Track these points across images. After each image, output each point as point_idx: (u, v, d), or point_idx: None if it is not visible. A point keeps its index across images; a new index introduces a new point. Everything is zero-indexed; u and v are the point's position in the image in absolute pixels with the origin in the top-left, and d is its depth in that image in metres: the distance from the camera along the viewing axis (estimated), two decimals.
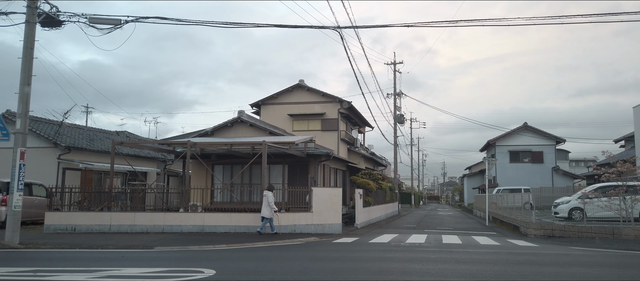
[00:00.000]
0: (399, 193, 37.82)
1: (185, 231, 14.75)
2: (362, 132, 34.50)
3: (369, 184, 22.71)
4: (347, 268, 7.90)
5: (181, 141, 18.23)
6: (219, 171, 20.41)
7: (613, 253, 10.92)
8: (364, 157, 30.52)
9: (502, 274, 7.37)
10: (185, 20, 12.80)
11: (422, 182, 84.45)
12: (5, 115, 18.49)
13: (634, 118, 24.21)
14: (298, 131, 25.71)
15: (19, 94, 11.64)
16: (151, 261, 8.66)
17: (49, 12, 12.20)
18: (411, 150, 60.48)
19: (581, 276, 7.38)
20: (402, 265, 8.34)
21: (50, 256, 9.60)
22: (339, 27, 15.23)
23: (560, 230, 15.22)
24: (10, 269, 7.35)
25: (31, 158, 14.60)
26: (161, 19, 12.73)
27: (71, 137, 20.76)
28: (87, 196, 16.70)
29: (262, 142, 15.56)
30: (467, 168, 58.51)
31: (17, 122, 11.56)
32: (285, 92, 27.15)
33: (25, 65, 11.64)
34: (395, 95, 36.66)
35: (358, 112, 29.04)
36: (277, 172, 19.76)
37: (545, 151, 36.62)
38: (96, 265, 8.00)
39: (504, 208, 22.01)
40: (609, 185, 15.88)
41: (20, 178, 11.31)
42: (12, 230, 11.19)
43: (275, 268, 8.14)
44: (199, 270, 7.32)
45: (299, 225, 15.29)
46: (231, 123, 21.44)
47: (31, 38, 11.75)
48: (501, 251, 11.08)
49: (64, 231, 14.77)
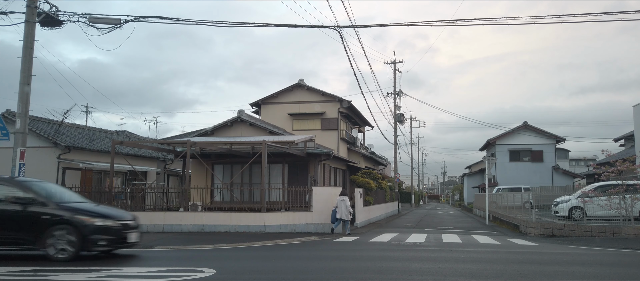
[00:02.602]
0: (398, 192, 37.82)
1: (185, 231, 14.75)
2: (362, 131, 34.50)
3: (369, 183, 22.71)
4: (347, 268, 7.90)
5: (181, 140, 18.24)
6: (219, 170, 20.41)
7: (613, 252, 10.92)
8: (363, 156, 30.52)
9: (502, 273, 7.38)
10: (185, 20, 12.81)
11: (422, 181, 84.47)
12: (5, 115, 18.46)
13: (633, 117, 24.19)
14: (298, 130, 25.70)
15: (18, 94, 11.63)
16: (151, 261, 8.66)
17: (49, 12, 12.19)
18: (411, 149, 60.49)
19: (581, 276, 7.38)
20: (402, 264, 8.34)
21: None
22: (338, 26, 15.24)
23: (560, 229, 15.23)
24: (10, 269, 7.35)
25: (31, 157, 14.58)
26: (161, 19, 12.73)
27: (71, 137, 20.75)
28: (87, 195, 16.68)
29: (262, 142, 15.56)
30: (467, 167, 58.51)
31: (17, 121, 11.56)
32: (285, 92, 27.15)
33: (25, 64, 11.64)
34: (395, 95, 36.65)
35: (358, 111, 29.03)
36: (277, 172, 19.76)
37: (545, 150, 36.63)
38: (96, 264, 8.00)
39: (504, 207, 22.02)
40: (609, 184, 15.89)
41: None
42: None
43: (275, 268, 8.14)
44: (199, 269, 7.32)
45: (299, 224, 15.29)
46: (231, 122, 21.44)
47: (31, 37, 11.74)
48: (501, 250, 11.09)
49: None
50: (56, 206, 8.60)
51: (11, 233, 8.43)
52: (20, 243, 8.46)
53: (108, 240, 8.60)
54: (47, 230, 8.26)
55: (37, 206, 8.48)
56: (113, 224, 8.77)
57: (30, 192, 8.71)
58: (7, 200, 8.55)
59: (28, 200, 8.51)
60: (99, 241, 8.45)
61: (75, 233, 8.26)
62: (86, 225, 8.39)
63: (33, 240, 8.31)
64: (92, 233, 8.38)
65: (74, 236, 8.24)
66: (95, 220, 8.53)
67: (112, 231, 8.68)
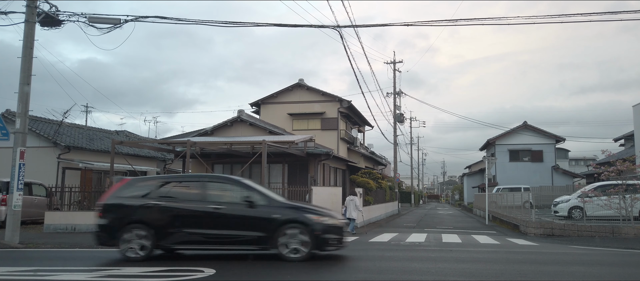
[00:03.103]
0: (398, 192, 37.83)
1: None
2: (362, 131, 34.50)
3: (368, 183, 22.71)
4: (347, 267, 7.89)
5: (181, 140, 18.23)
6: (219, 170, 20.41)
7: (613, 252, 10.91)
8: (363, 156, 30.52)
9: (502, 273, 7.37)
10: (185, 20, 12.80)
11: (422, 181, 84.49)
12: (5, 115, 18.47)
13: (633, 117, 24.21)
14: (298, 130, 25.71)
15: (18, 94, 11.62)
16: (151, 261, 8.65)
17: (49, 12, 12.18)
18: (411, 149, 60.50)
19: (581, 275, 7.38)
20: (402, 264, 8.33)
21: (50, 255, 9.60)
22: (338, 26, 15.23)
23: (560, 228, 15.23)
24: (10, 268, 7.34)
25: (31, 157, 14.58)
26: (161, 19, 12.71)
27: (71, 137, 20.75)
28: (87, 195, 16.70)
29: (261, 141, 15.56)
30: (467, 167, 58.52)
31: (17, 121, 11.55)
32: (285, 91, 27.16)
33: (24, 64, 11.63)
34: (395, 94, 36.66)
35: (358, 111, 29.04)
36: (277, 171, 19.76)
37: (545, 150, 36.65)
38: (96, 264, 8.00)
39: (504, 207, 22.01)
40: (609, 184, 15.89)
41: (20, 177, 11.30)
42: (12, 230, 11.18)
43: (275, 267, 8.13)
44: (199, 269, 7.31)
45: None
46: (231, 122, 21.45)
47: (31, 37, 11.73)
48: (501, 250, 11.08)
49: (64, 230, 14.76)
50: (283, 205, 8.45)
51: (249, 233, 8.22)
52: (256, 243, 8.22)
53: (336, 239, 8.33)
54: (279, 230, 8.03)
55: (265, 206, 8.29)
56: (337, 223, 8.53)
57: (256, 192, 8.53)
58: (242, 202, 8.32)
59: (257, 200, 8.29)
60: (330, 240, 8.19)
61: (308, 232, 8.00)
62: (317, 223, 8.11)
63: (266, 240, 8.08)
64: (324, 232, 8.11)
65: (306, 235, 7.98)
66: (323, 218, 8.26)
67: (337, 230, 8.42)
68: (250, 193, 8.48)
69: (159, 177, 10.74)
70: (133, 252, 8.16)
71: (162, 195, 8.59)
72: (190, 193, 8.78)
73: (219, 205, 8.34)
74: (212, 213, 8.26)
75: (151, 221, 8.29)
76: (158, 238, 8.24)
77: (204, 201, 8.45)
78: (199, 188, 8.76)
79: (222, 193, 8.68)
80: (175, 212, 8.38)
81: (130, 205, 8.50)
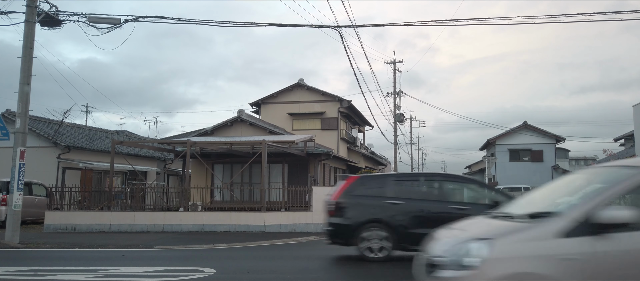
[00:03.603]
0: None
1: (185, 231, 14.74)
2: (362, 130, 34.50)
3: None
4: (347, 267, 7.90)
5: (181, 140, 18.24)
6: (219, 170, 20.41)
7: None
8: (363, 155, 30.54)
9: None
10: (185, 19, 12.80)
11: None
12: (5, 115, 18.47)
13: (633, 117, 24.20)
14: (298, 130, 25.71)
15: (18, 93, 11.62)
16: (151, 261, 8.66)
17: (49, 12, 12.17)
18: (411, 149, 60.37)
19: None
20: (401, 264, 8.33)
21: (50, 255, 9.60)
22: (338, 26, 15.22)
23: None
24: (11, 268, 7.35)
25: (31, 157, 14.57)
26: (161, 18, 12.70)
27: (71, 137, 20.76)
28: (87, 195, 16.70)
29: (261, 141, 15.55)
30: (467, 167, 58.53)
31: (17, 121, 11.55)
32: (285, 91, 27.16)
33: (24, 64, 11.63)
34: (395, 94, 36.59)
35: (358, 111, 29.04)
36: (277, 171, 19.76)
37: (545, 150, 36.65)
38: (96, 264, 8.00)
39: None
40: None
41: (20, 177, 11.30)
42: (12, 230, 11.18)
43: (275, 267, 8.13)
44: (199, 269, 7.31)
45: (299, 224, 15.28)
46: (231, 122, 21.45)
47: (31, 37, 11.73)
48: None
49: (64, 230, 14.76)
50: None
51: None
52: None
53: None
54: None
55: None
56: None
57: (500, 194, 8.28)
58: (490, 204, 7.50)
59: (500, 199, 7.77)
60: None
61: None
62: None
63: None
64: None
65: None
66: None
67: None
68: (496, 196, 8.06)
69: (392, 175, 10.04)
70: (372, 252, 7.90)
71: (400, 194, 8.22)
72: (428, 192, 8.46)
73: (463, 205, 7.91)
74: (457, 215, 7.41)
75: (391, 222, 7.95)
76: (399, 239, 7.88)
77: (445, 201, 8.11)
78: (437, 188, 8.47)
79: (464, 193, 8.40)
80: (417, 212, 7.98)
81: (368, 204, 8.20)
